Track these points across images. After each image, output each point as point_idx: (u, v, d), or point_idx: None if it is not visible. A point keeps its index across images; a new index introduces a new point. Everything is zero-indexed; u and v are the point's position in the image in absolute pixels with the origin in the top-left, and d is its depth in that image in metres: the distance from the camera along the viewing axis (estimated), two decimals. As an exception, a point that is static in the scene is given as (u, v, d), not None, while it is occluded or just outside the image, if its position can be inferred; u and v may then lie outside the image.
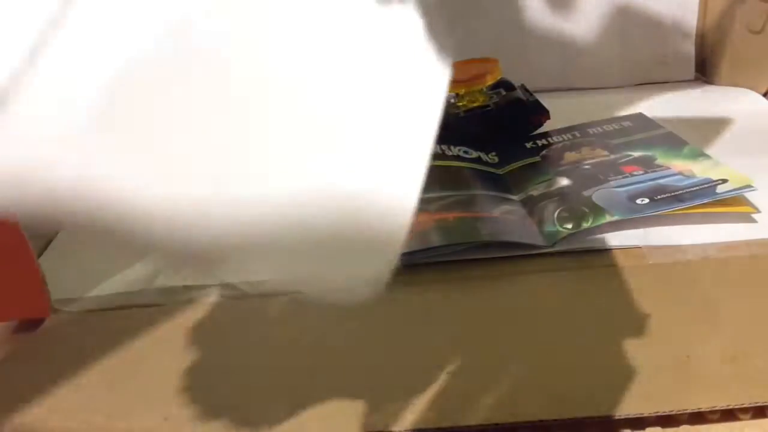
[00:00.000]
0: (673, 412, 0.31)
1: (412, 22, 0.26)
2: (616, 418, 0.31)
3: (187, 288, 0.44)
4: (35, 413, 0.34)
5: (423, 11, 0.26)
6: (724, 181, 0.47)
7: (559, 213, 0.48)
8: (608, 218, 0.46)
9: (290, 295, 0.42)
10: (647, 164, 0.52)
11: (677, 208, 0.45)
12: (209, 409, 0.33)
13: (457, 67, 0.64)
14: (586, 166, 0.54)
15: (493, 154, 0.59)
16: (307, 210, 0.22)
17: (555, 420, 0.31)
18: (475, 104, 0.62)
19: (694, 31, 0.75)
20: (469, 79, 0.61)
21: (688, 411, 0.31)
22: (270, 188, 0.22)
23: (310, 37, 0.23)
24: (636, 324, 0.37)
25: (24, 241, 0.39)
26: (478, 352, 0.36)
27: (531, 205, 0.50)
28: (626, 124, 0.61)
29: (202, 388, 0.35)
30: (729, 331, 0.36)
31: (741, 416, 0.32)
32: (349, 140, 0.23)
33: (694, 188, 0.47)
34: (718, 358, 0.34)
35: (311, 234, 0.22)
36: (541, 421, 0.31)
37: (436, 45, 0.26)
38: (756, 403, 0.31)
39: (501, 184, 0.54)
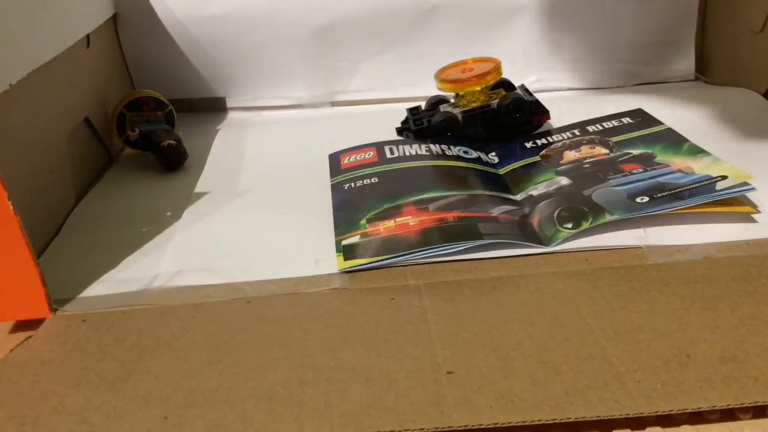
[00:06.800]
0: (673, 412, 0.31)
1: None
2: (616, 418, 0.31)
3: (188, 288, 0.44)
4: (36, 413, 0.34)
5: None
6: (724, 177, 0.47)
7: (559, 213, 0.48)
8: (608, 217, 0.46)
9: (290, 295, 0.43)
10: (647, 162, 0.52)
11: (677, 206, 0.45)
12: (209, 409, 0.33)
13: (458, 67, 0.64)
14: (586, 165, 0.54)
15: (493, 154, 0.59)
16: None
17: (555, 420, 0.31)
18: (475, 104, 0.62)
19: (694, 31, 0.75)
20: (469, 79, 0.61)
21: (688, 411, 0.31)
22: None
23: None
24: (636, 324, 0.37)
25: (24, 241, 0.39)
26: (478, 351, 0.36)
27: (531, 205, 0.50)
28: (626, 120, 0.61)
29: (202, 388, 0.35)
30: (729, 331, 0.36)
31: (741, 416, 0.32)
32: None
33: (694, 185, 0.47)
34: (718, 358, 0.34)
35: None
36: (541, 421, 0.31)
37: None
38: (756, 403, 0.31)
39: (501, 184, 0.54)
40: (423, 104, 0.67)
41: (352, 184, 0.54)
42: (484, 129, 0.62)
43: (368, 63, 0.76)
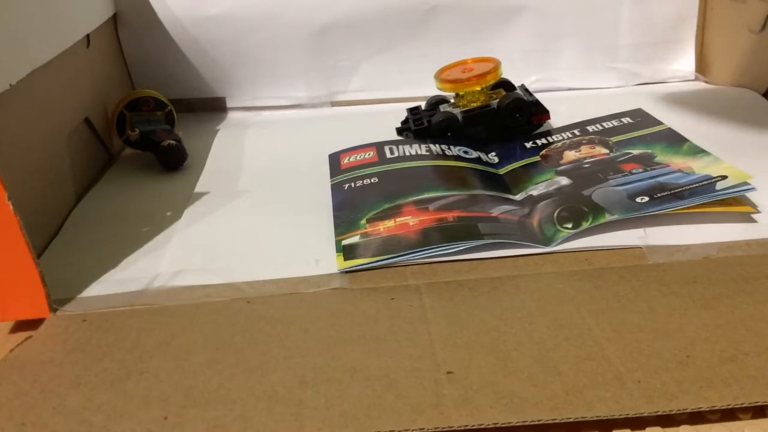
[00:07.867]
0: (673, 412, 0.31)
1: None
2: (616, 418, 0.31)
3: (188, 288, 0.44)
4: (36, 413, 0.34)
5: None
6: (724, 177, 0.47)
7: (559, 213, 0.48)
8: (608, 217, 0.46)
9: (290, 295, 0.43)
10: (647, 162, 0.52)
11: (677, 206, 0.45)
12: (209, 409, 0.33)
13: (458, 67, 0.64)
14: (586, 165, 0.54)
15: (493, 154, 0.59)
16: None
17: (555, 420, 0.31)
18: (475, 104, 0.62)
19: (694, 31, 0.75)
20: (469, 79, 0.61)
21: (688, 411, 0.31)
22: None
23: None
24: (636, 324, 0.37)
25: (24, 241, 0.39)
26: (478, 351, 0.36)
27: (531, 205, 0.50)
28: (626, 120, 0.61)
29: (202, 388, 0.35)
30: (729, 331, 0.36)
31: (741, 416, 0.32)
32: None
33: (694, 185, 0.47)
34: (718, 358, 0.34)
35: None
36: (541, 421, 0.31)
37: None
38: (756, 403, 0.31)
39: (501, 184, 0.54)
40: (423, 104, 0.67)
41: (352, 184, 0.54)
42: (484, 129, 0.62)
43: (368, 63, 0.76)
